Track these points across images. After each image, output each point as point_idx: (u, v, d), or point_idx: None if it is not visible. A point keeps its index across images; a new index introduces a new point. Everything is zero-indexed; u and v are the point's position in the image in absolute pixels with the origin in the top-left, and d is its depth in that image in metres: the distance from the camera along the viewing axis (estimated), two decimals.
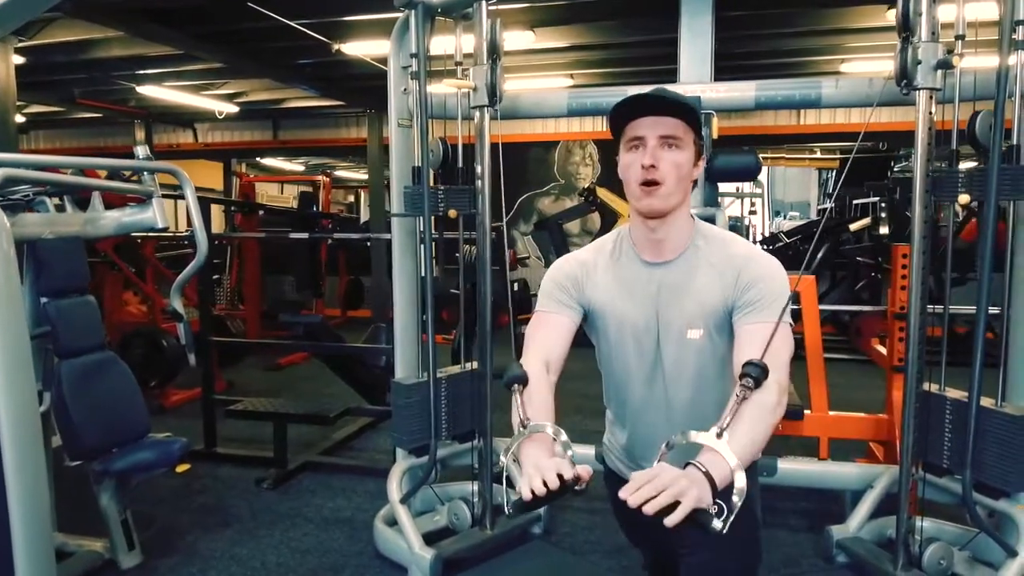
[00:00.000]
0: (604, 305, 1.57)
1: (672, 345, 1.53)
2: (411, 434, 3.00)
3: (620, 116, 1.49)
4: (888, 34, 5.65)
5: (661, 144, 1.44)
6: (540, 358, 1.55)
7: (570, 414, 5.17)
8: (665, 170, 1.44)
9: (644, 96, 1.47)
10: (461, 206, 3.00)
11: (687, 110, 1.47)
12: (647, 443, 1.60)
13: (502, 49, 2.75)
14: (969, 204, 2.55)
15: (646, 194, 1.46)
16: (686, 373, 1.55)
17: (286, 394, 5.69)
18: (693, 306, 1.51)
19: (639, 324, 1.54)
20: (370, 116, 9.07)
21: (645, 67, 6.74)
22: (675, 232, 1.52)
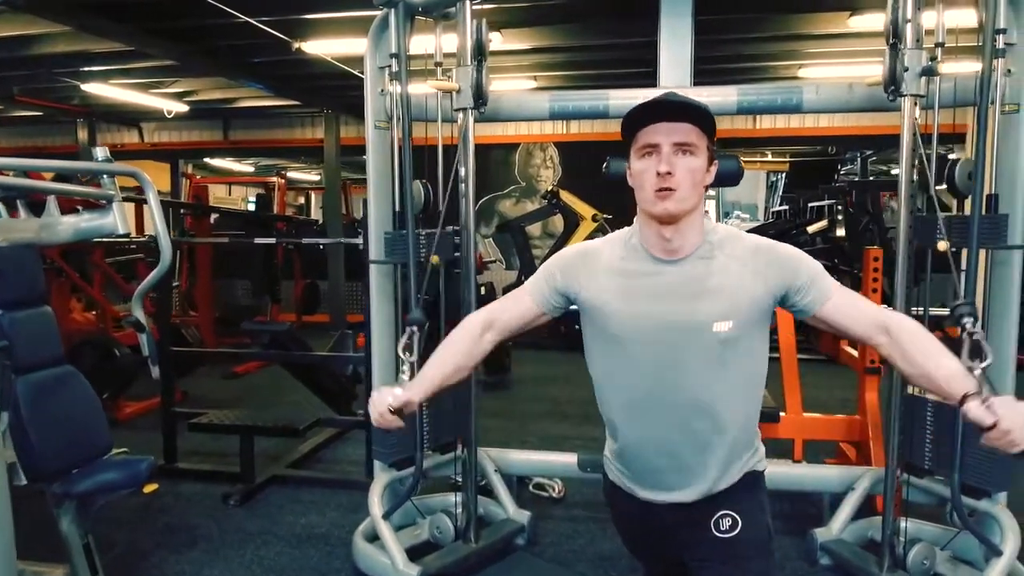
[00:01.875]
0: (605, 302, 1.52)
1: (692, 342, 1.47)
2: (393, 447, 2.90)
3: (633, 122, 1.45)
4: (846, 41, 5.78)
5: (675, 151, 1.41)
6: (488, 316, 1.63)
7: (541, 419, 5.14)
8: (680, 177, 1.42)
9: (659, 102, 1.43)
10: (444, 251, 2.91)
11: (702, 115, 1.44)
12: (656, 442, 1.54)
13: (488, 50, 2.67)
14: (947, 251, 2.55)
15: (661, 198, 1.43)
16: (711, 371, 1.49)
17: (245, 404, 5.49)
18: (719, 299, 1.47)
19: (649, 321, 1.48)
20: (327, 116, 8.87)
21: (611, 70, 6.75)
22: (688, 235, 1.48)
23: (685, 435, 1.52)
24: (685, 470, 1.54)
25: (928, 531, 2.85)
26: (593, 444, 4.45)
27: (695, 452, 1.53)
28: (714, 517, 1.55)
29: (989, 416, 1.25)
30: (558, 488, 3.73)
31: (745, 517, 1.55)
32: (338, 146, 8.98)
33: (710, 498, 1.56)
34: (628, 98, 3.08)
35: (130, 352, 5.16)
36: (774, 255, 1.50)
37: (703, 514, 1.56)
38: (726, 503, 1.56)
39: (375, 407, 1.50)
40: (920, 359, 1.40)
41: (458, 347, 1.61)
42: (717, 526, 1.55)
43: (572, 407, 5.41)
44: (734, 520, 1.55)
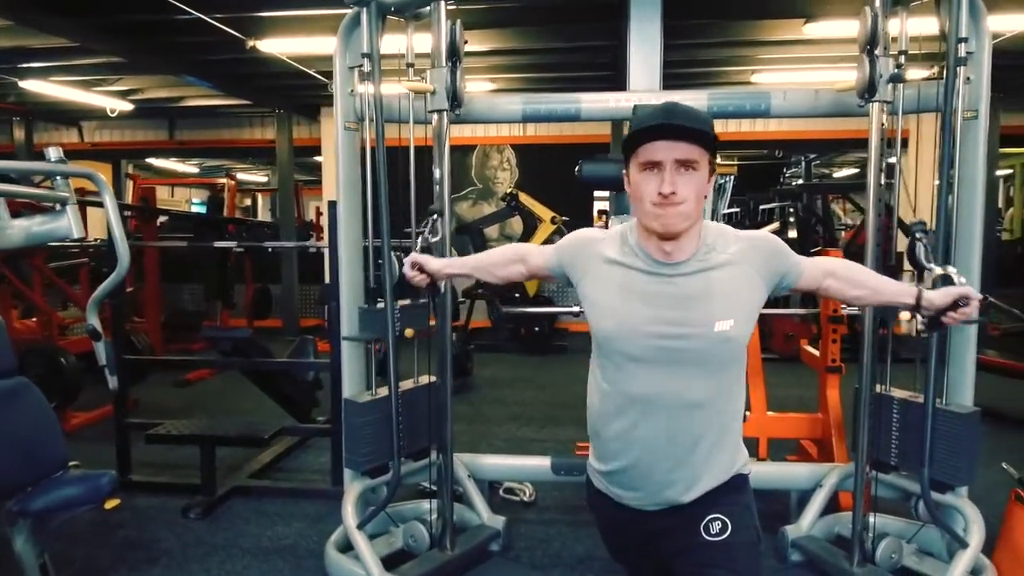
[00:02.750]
0: (601, 297, 1.54)
1: (693, 340, 1.48)
2: (366, 455, 2.84)
3: (633, 141, 1.45)
4: (800, 47, 5.92)
5: (677, 167, 1.42)
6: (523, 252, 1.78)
7: (505, 422, 5.11)
8: (682, 195, 1.42)
9: (665, 125, 1.41)
10: (417, 323, 2.90)
11: (707, 138, 1.43)
12: (648, 442, 1.54)
13: (462, 51, 2.64)
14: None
15: (662, 215, 1.43)
16: (704, 371, 1.51)
17: (199, 412, 5.32)
18: (721, 299, 1.49)
19: (645, 323, 1.49)
20: (279, 116, 8.68)
21: (570, 73, 6.77)
22: (687, 243, 1.50)
23: (678, 434, 1.53)
24: (676, 470, 1.55)
25: (893, 525, 2.93)
26: (560, 447, 4.50)
27: (687, 451, 1.54)
28: (703, 521, 1.55)
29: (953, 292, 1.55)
30: (529, 492, 3.71)
31: (734, 520, 1.56)
32: (291, 147, 8.80)
33: (698, 501, 1.56)
34: (599, 102, 3.11)
35: (77, 360, 4.96)
36: (767, 248, 1.55)
37: (692, 518, 1.56)
38: (715, 507, 1.56)
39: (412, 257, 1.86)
40: (867, 280, 1.64)
41: (493, 258, 1.82)
42: (707, 530, 1.55)
43: (536, 410, 5.40)
44: (723, 523, 1.55)
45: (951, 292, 1.55)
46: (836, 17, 4.96)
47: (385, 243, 2.64)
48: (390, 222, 2.66)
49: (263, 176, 16.23)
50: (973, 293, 1.54)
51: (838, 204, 12.47)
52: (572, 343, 7.80)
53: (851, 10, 4.84)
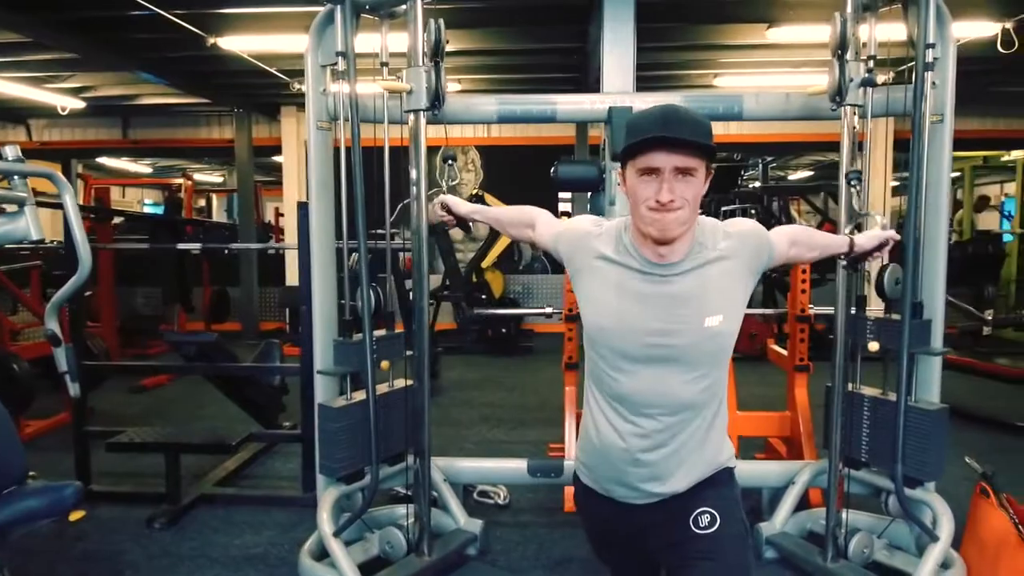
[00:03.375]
0: (595, 291, 1.55)
1: (684, 336, 1.50)
2: (341, 460, 2.79)
3: (632, 148, 1.44)
4: (762, 51, 6.02)
5: (676, 174, 1.42)
6: (536, 217, 1.81)
7: (475, 424, 5.08)
8: (680, 202, 1.43)
9: (664, 136, 1.40)
10: (395, 354, 2.89)
11: (708, 150, 1.43)
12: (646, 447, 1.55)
13: (444, 50, 2.61)
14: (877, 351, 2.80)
15: (659, 219, 1.43)
16: (700, 364, 1.53)
17: (158, 419, 5.18)
18: (713, 297, 1.51)
19: (638, 321, 1.51)
20: (238, 115, 8.50)
21: (536, 75, 6.77)
22: (682, 243, 1.51)
23: (671, 427, 1.54)
24: (667, 463, 1.56)
25: (864, 520, 2.99)
26: (533, 448, 4.50)
27: (677, 447, 1.55)
28: (692, 514, 1.57)
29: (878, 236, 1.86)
30: (503, 495, 3.69)
31: (723, 513, 1.58)
32: (250, 147, 8.63)
33: (686, 495, 1.58)
34: (575, 103, 3.11)
35: (30, 367, 4.78)
36: (753, 242, 1.58)
37: (681, 512, 1.58)
38: (703, 500, 1.58)
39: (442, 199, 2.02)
40: (818, 240, 1.79)
41: (510, 216, 1.91)
42: (696, 523, 1.57)
43: (505, 411, 5.39)
44: (712, 516, 1.57)
45: (876, 236, 1.85)
46: (799, 22, 5.06)
47: (363, 272, 2.60)
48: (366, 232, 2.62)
49: (219, 176, 15.90)
50: (895, 236, 1.86)
51: (794, 205, 12.73)
52: (539, 344, 7.83)
53: (814, 15, 4.95)
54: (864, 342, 2.81)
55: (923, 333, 2.71)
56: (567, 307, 3.82)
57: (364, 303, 2.66)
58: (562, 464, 3.30)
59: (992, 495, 2.76)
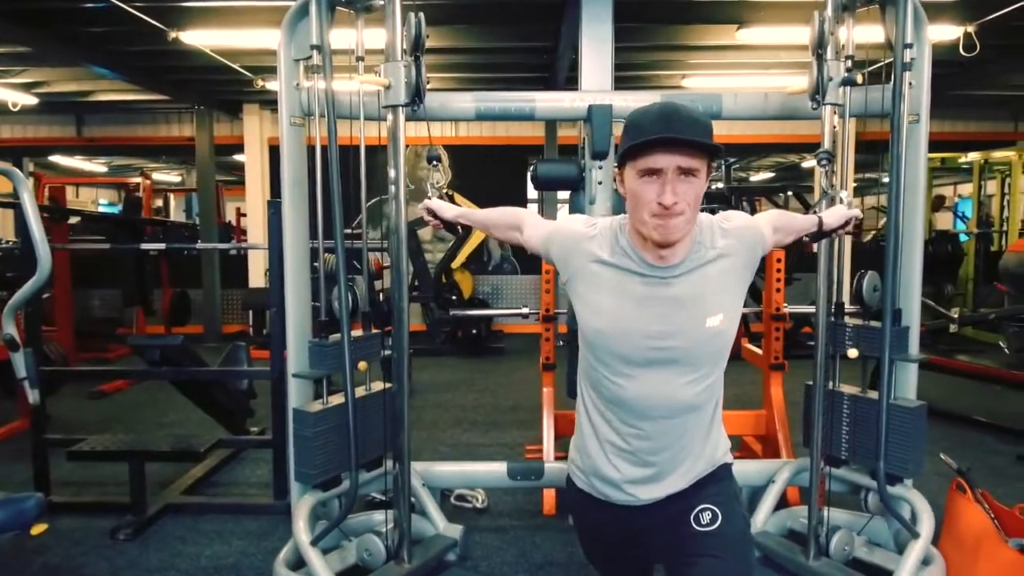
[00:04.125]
0: (593, 296, 1.51)
1: (685, 337, 1.48)
2: (318, 467, 2.71)
3: (635, 149, 1.39)
4: (732, 53, 6.06)
5: (678, 175, 1.38)
6: (523, 220, 1.76)
7: (449, 427, 5.02)
8: (682, 204, 1.39)
9: (667, 136, 1.36)
10: (373, 354, 2.81)
11: (711, 149, 1.40)
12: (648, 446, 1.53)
13: (424, 45, 2.55)
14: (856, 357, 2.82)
15: (662, 224, 1.40)
16: (701, 364, 1.50)
17: (119, 426, 5.02)
18: (713, 297, 1.49)
19: (638, 323, 1.47)
20: (198, 113, 8.29)
21: (503, 74, 6.72)
22: (681, 250, 1.48)
23: (672, 428, 1.52)
24: (668, 463, 1.54)
25: (843, 518, 3.00)
26: (509, 450, 4.45)
27: (679, 448, 1.54)
28: (693, 512, 1.56)
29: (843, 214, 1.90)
30: (481, 498, 3.63)
31: (723, 509, 1.56)
32: (211, 145, 8.42)
33: (686, 493, 1.56)
34: (554, 101, 3.08)
35: None
36: (750, 238, 1.56)
37: (681, 510, 1.56)
38: (704, 497, 1.57)
39: (428, 204, 2.04)
40: (793, 224, 1.76)
41: (496, 218, 1.86)
42: (697, 520, 1.56)
43: (479, 414, 5.33)
44: (714, 513, 1.56)
45: (841, 214, 1.88)
46: (769, 23, 5.09)
47: (341, 272, 2.53)
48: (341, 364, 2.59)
49: (176, 176, 15.52)
50: (858, 214, 1.92)
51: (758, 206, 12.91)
52: (510, 344, 7.78)
53: (784, 17, 4.99)
54: (843, 351, 2.82)
55: (902, 340, 2.74)
56: (544, 308, 3.78)
57: (342, 303, 2.59)
58: (543, 467, 3.26)
59: (969, 491, 2.80)
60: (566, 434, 3.80)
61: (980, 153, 7.79)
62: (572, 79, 6.41)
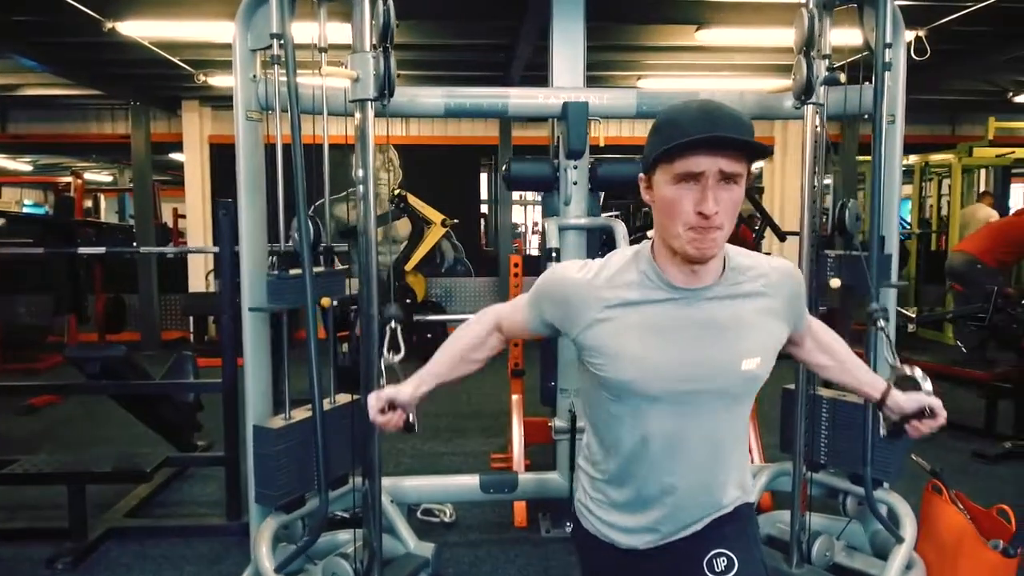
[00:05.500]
0: (614, 344, 1.32)
1: (723, 381, 1.33)
2: (281, 487, 2.52)
3: (674, 149, 1.21)
4: (690, 54, 6.03)
5: (719, 181, 1.21)
6: (496, 317, 1.53)
7: (408, 437, 4.83)
8: (723, 215, 1.22)
9: (713, 136, 1.19)
10: (333, 292, 2.63)
11: (756, 151, 1.23)
12: (663, 494, 1.39)
13: (394, 35, 2.40)
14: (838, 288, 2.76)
15: (699, 237, 1.23)
16: (726, 411, 1.36)
17: (51, 444, 4.68)
18: (750, 336, 1.33)
19: (669, 362, 1.31)
20: (134, 109, 7.86)
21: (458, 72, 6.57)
22: (714, 266, 1.32)
23: (696, 474, 1.39)
24: (687, 503, 1.42)
25: (821, 522, 2.97)
26: (474, 459, 4.30)
27: (704, 490, 1.41)
28: (707, 557, 1.41)
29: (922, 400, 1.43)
30: (449, 512, 3.49)
31: (741, 555, 1.42)
32: (148, 143, 8.01)
33: (702, 534, 1.43)
34: (527, 97, 2.97)
35: None
36: (794, 288, 1.40)
37: (694, 552, 1.42)
38: (720, 539, 1.42)
39: (371, 407, 1.45)
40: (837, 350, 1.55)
41: (466, 342, 1.53)
42: (711, 567, 1.41)
43: (439, 421, 5.17)
44: (730, 560, 1.41)
45: (919, 400, 1.44)
46: (730, 25, 5.08)
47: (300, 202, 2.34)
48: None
49: (107, 175, 14.83)
50: (940, 408, 1.42)
51: None
52: None
53: (746, 18, 4.99)
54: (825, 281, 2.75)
55: (885, 268, 2.67)
56: None
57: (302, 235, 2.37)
58: (516, 479, 3.14)
59: (945, 492, 2.79)
60: (535, 442, 3.69)
61: (920, 156, 8.01)
62: (527, 79, 6.33)
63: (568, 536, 3.27)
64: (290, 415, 2.62)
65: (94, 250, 4.92)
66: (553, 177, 2.98)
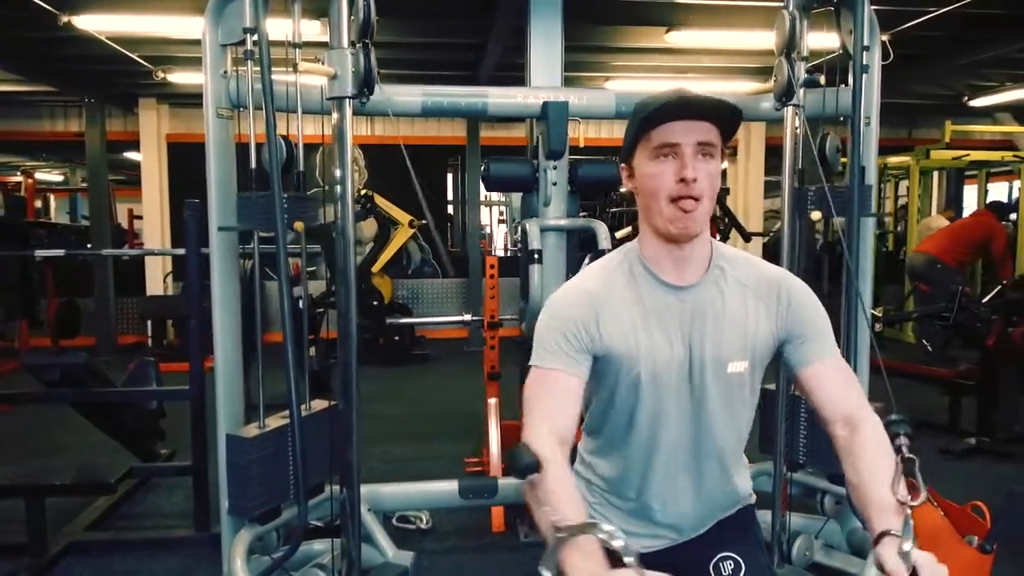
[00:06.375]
0: (628, 347, 1.31)
1: (712, 382, 1.33)
2: (256, 498, 2.44)
3: (649, 118, 1.25)
4: (659, 56, 6.05)
5: (697, 152, 1.24)
6: (552, 433, 1.24)
7: (379, 441, 4.76)
8: (702, 185, 1.25)
9: (686, 99, 1.24)
10: (307, 217, 2.52)
11: (731, 112, 1.27)
12: (668, 500, 1.39)
13: (374, 31, 2.34)
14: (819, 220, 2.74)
15: (681, 215, 1.25)
16: (726, 411, 1.36)
17: (3, 455, 4.48)
18: (735, 336, 1.33)
19: (672, 361, 1.32)
20: (89, 106, 7.61)
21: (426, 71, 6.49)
22: (701, 247, 1.34)
23: (696, 480, 1.39)
24: (693, 513, 1.42)
25: (799, 522, 2.98)
26: (447, 463, 4.23)
27: (706, 496, 1.41)
28: (713, 559, 1.42)
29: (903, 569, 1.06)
30: (425, 519, 3.42)
31: (748, 559, 1.44)
32: (103, 142, 7.75)
33: (707, 535, 1.44)
34: (507, 96, 2.93)
35: None
36: (795, 296, 1.35)
37: (699, 555, 1.42)
38: (726, 543, 1.44)
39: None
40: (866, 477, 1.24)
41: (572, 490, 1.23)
42: (718, 570, 1.42)
43: (410, 426, 5.09)
44: (736, 563, 1.43)
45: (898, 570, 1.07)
46: (700, 27, 5.11)
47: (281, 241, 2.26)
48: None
49: (58, 175, 14.37)
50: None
51: None
52: (434, 351, 7.53)
53: (716, 21, 5.02)
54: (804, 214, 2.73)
55: (865, 199, 2.68)
56: (488, 314, 3.61)
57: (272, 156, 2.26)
58: (496, 484, 3.09)
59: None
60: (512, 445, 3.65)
61: (879, 158, 8.16)
62: (497, 79, 6.28)
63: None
64: (265, 423, 2.53)
65: (52, 252, 4.73)
66: (533, 178, 2.94)
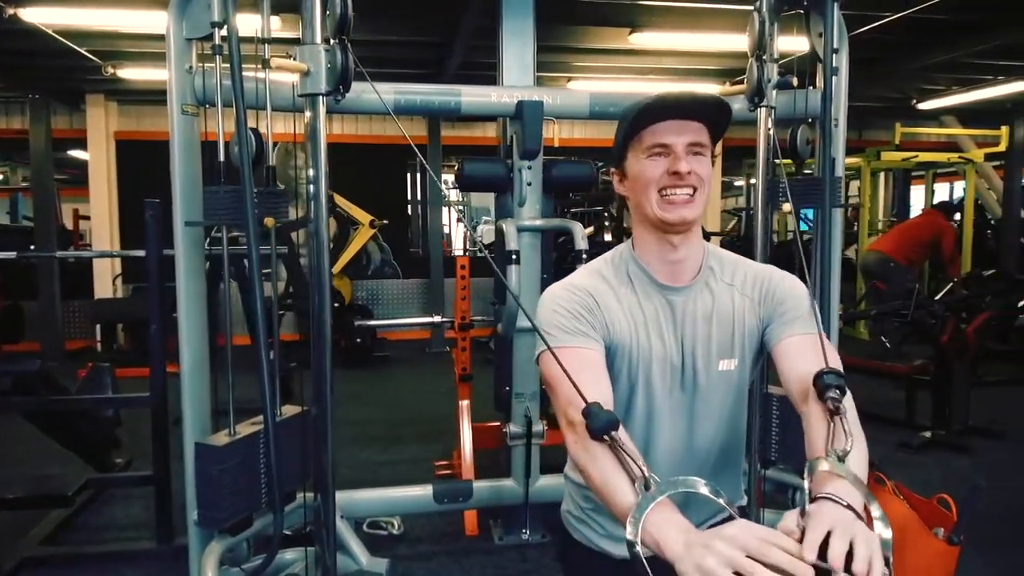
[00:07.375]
0: (626, 344, 1.32)
1: (703, 380, 1.34)
2: (227, 508, 2.35)
3: (640, 118, 1.27)
4: (620, 56, 6.07)
5: (688, 151, 1.27)
6: (599, 397, 1.13)
7: (345, 444, 4.67)
8: (696, 176, 1.27)
9: (676, 97, 1.26)
10: (277, 213, 2.45)
11: (720, 108, 1.28)
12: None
13: (351, 27, 2.28)
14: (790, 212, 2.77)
15: (674, 204, 1.27)
16: (717, 410, 1.37)
17: None
18: (725, 334, 1.34)
19: (666, 360, 1.33)
20: (33, 103, 7.30)
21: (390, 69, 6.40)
22: (694, 249, 1.36)
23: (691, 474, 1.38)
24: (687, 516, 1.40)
25: (770, 518, 3.02)
26: (413, 467, 4.18)
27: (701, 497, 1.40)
28: None
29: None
30: (397, 524, 3.37)
31: None
32: (49, 140, 7.45)
33: None
34: (480, 95, 2.90)
35: None
36: (769, 282, 1.37)
37: None
38: None
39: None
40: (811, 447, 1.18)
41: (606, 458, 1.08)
42: None
43: (374, 428, 5.02)
44: None
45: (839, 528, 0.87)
46: (664, 29, 5.14)
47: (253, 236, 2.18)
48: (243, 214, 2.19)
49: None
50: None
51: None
52: (395, 353, 7.44)
53: (680, 23, 5.05)
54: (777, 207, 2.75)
55: (836, 189, 2.72)
56: (459, 315, 3.57)
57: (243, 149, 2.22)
58: (471, 487, 3.06)
59: (887, 483, 2.89)
60: (484, 447, 3.62)
61: None
62: (461, 78, 6.22)
63: (523, 543, 3.22)
64: (235, 430, 2.45)
65: (3, 255, 4.51)
66: (507, 178, 2.92)
